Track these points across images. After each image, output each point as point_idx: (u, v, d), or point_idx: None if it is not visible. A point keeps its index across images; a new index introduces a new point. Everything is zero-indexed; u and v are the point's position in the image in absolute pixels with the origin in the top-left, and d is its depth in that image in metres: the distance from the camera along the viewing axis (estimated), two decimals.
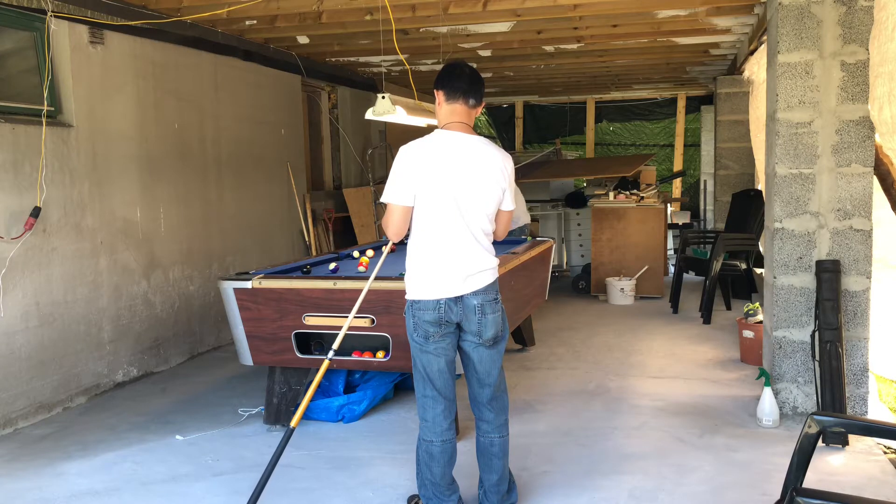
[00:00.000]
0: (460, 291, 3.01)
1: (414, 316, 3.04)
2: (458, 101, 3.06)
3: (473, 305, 3.03)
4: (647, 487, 3.55)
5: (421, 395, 3.12)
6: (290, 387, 4.40)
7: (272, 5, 5.61)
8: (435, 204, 2.98)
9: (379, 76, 9.39)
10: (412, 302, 3.05)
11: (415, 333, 3.06)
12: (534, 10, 5.79)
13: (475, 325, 3.05)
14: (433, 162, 2.98)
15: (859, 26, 4.13)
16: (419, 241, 3.04)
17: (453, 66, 3.12)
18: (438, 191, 2.97)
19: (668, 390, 5.00)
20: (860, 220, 4.25)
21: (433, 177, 2.97)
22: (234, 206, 6.80)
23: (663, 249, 8.77)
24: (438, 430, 3.09)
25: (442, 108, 3.10)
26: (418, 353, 3.09)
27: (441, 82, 3.10)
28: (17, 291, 4.58)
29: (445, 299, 2.99)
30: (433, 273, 3.01)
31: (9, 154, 4.52)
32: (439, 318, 3.01)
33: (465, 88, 3.05)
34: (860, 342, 4.30)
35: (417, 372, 3.12)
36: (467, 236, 3.02)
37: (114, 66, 5.38)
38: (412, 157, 3.00)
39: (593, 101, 12.72)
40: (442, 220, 3.00)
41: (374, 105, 4.01)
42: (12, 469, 3.96)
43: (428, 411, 3.10)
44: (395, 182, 3.00)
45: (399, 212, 3.00)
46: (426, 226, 3.02)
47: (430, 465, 3.11)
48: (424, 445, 3.11)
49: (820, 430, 2.32)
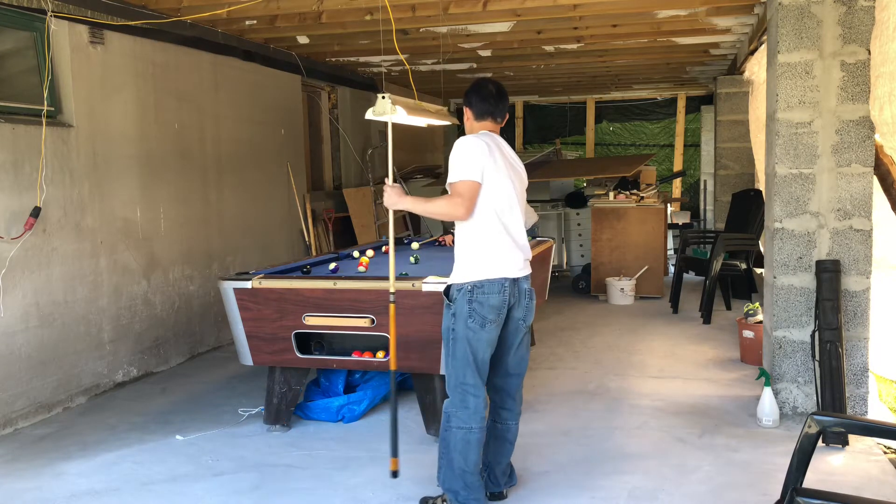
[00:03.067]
0: (521, 272, 3.20)
1: (474, 300, 3.10)
2: (487, 121, 3.32)
3: (525, 289, 3.23)
4: (647, 487, 3.56)
5: (460, 383, 3.16)
6: (290, 387, 4.40)
7: (272, 5, 5.61)
8: (499, 189, 3.15)
9: (379, 76, 9.39)
10: (474, 285, 3.11)
11: (469, 320, 3.10)
12: (534, 10, 5.79)
13: (523, 311, 3.23)
14: (491, 153, 3.16)
15: (859, 26, 4.13)
16: (484, 225, 3.15)
17: (480, 88, 3.32)
18: (501, 177, 3.17)
19: (668, 390, 5.00)
20: (860, 220, 4.25)
21: (495, 167, 3.15)
22: (234, 206, 6.80)
23: (663, 249, 8.77)
24: (479, 416, 3.16)
25: (472, 124, 3.35)
26: (470, 339, 3.12)
27: (470, 103, 3.34)
28: (17, 291, 4.58)
29: (509, 280, 3.13)
30: (500, 254, 3.14)
31: (9, 154, 4.52)
32: (503, 300, 3.12)
33: (491, 111, 3.31)
34: (860, 342, 4.30)
35: (460, 360, 3.15)
36: (521, 224, 3.27)
37: (114, 66, 5.38)
38: (477, 146, 3.14)
39: (593, 101, 12.73)
40: (505, 204, 3.18)
41: (374, 105, 4.00)
42: (12, 469, 3.96)
43: (469, 399, 3.15)
44: (464, 162, 3.11)
45: (473, 187, 3.09)
46: (492, 211, 3.14)
47: (467, 454, 3.15)
48: (461, 434, 3.15)
49: (820, 430, 2.32)
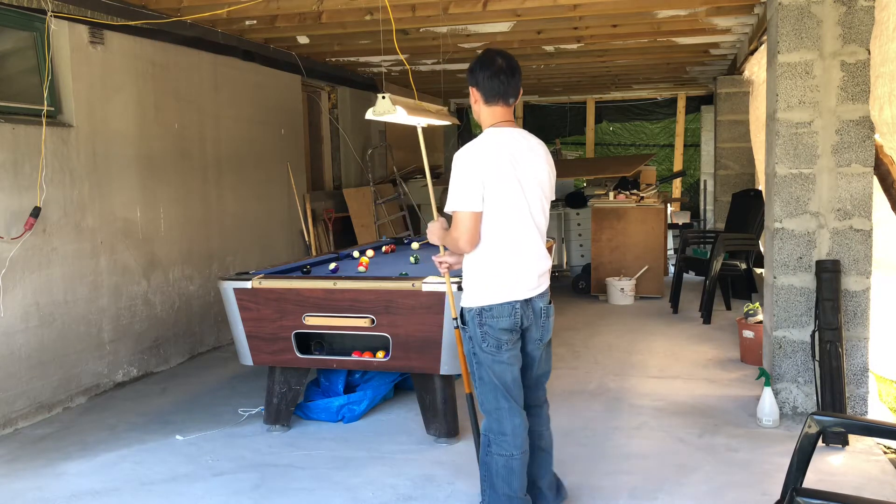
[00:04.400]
0: (534, 292, 2.92)
1: (484, 324, 2.88)
2: (498, 104, 2.93)
3: (540, 308, 2.97)
4: (647, 487, 3.55)
5: (495, 408, 2.93)
6: (290, 387, 4.40)
7: (272, 5, 5.61)
8: (506, 205, 2.85)
9: (379, 76, 9.39)
10: (482, 309, 2.87)
11: (484, 344, 2.89)
12: (534, 10, 5.79)
13: (539, 330, 2.99)
14: (496, 162, 2.83)
15: (859, 26, 4.12)
16: (490, 245, 2.88)
17: (488, 63, 2.89)
18: (507, 191, 2.84)
19: (668, 390, 5.00)
20: (860, 220, 4.25)
21: (500, 177, 2.82)
22: (234, 206, 6.80)
23: (663, 249, 8.77)
24: (519, 441, 2.94)
25: (481, 109, 2.96)
26: (490, 363, 2.90)
27: (476, 82, 2.92)
28: (17, 291, 4.58)
29: (520, 302, 2.88)
30: (508, 276, 2.88)
31: (9, 154, 4.52)
32: (514, 323, 2.88)
33: (502, 90, 2.90)
34: (860, 342, 4.30)
35: (488, 385, 2.92)
36: (536, 235, 2.94)
37: (114, 66, 5.38)
38: (475, 160, 2.83)
39: (593, 101, 12.73)
40: (514, 220, 2.87)
41: (374, 105, 4.00)
42: (12, 469, 3.96)
43: (506, 423, 2.92)
44: (461, 188, 2.81)
45: (471, 219, 2.82)
46: (498, 228, 2.86)
47: (510, 481, 2.93)
48: (503, 461, 2.92)
49: (820, 430, 2.32)
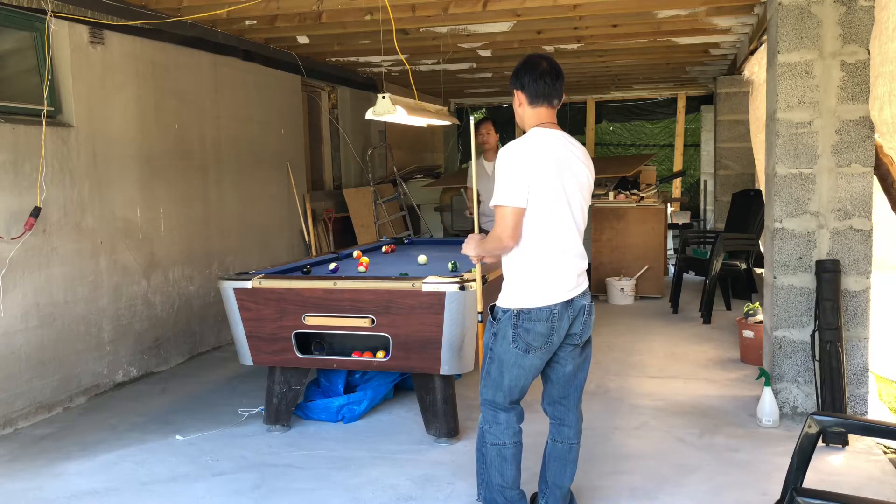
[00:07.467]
0: (574, 293, 2.92)
1: (519, 326, 2.88)
2: (543, 105, 2.98)
3: (582, 306, 2.96)
4: (647, 487, 3.56)
5: (491, 401, 3.02)
6: (290, 387, 4.40)
7: (272, 5, 5.61)
8: (549, 204, 2.87)
9: (379, 76, 9.39)
10: (520, 311, 2.88)
11: (513, 345, 2.90)
12: (534, 10, 5.79)
13: (580, 327, 2.97)
14: (541, 161, 2.86)
15: (859, 26, 4.12)
16: (532, 246, 2.89)
17: (534, 66, 2.95)
18: (551, 192, 2.86)
19: (668, 390, 5.00)
20: (860, 220, 4.25)
21: (544, 176, 2.85)
22: (235, 206, 6.80)
23: (663, 249, 8.77)
24: (511, 431, 3.03)
25: (525, 110, 3.01)
26: (510, 365, 2.93)
27: (522, 85, 2.98)
28: (17, 291, 4.58)
29: (560, 304, 2.88)
30: (549, 278, 2.89)
31: (9, 154, 4.52)
32: (550, 328, 2.88)
33: (547, 92, 2.95)
34: (860, 342, 4.30)
35: (493, 381, 2.98)
36: (577, 235, 2.96)
37: (114, 66, 5.38)
38: (521, 157, 2.86)
39: (593, 101, 12.73)
40: (556, 220, 2.89)
41: (374, 105, 4.02)
42: (12, 469, 3.96)
43: (500, 415, 3.02)
44: (508, 184, 2.84)
45: (516, 214, 2.85)
46: (541, 229, 2.88)
47: (503, 469, 3.02)
48: (496, 449, 3.02)
49: (820, 430, 2.32)
